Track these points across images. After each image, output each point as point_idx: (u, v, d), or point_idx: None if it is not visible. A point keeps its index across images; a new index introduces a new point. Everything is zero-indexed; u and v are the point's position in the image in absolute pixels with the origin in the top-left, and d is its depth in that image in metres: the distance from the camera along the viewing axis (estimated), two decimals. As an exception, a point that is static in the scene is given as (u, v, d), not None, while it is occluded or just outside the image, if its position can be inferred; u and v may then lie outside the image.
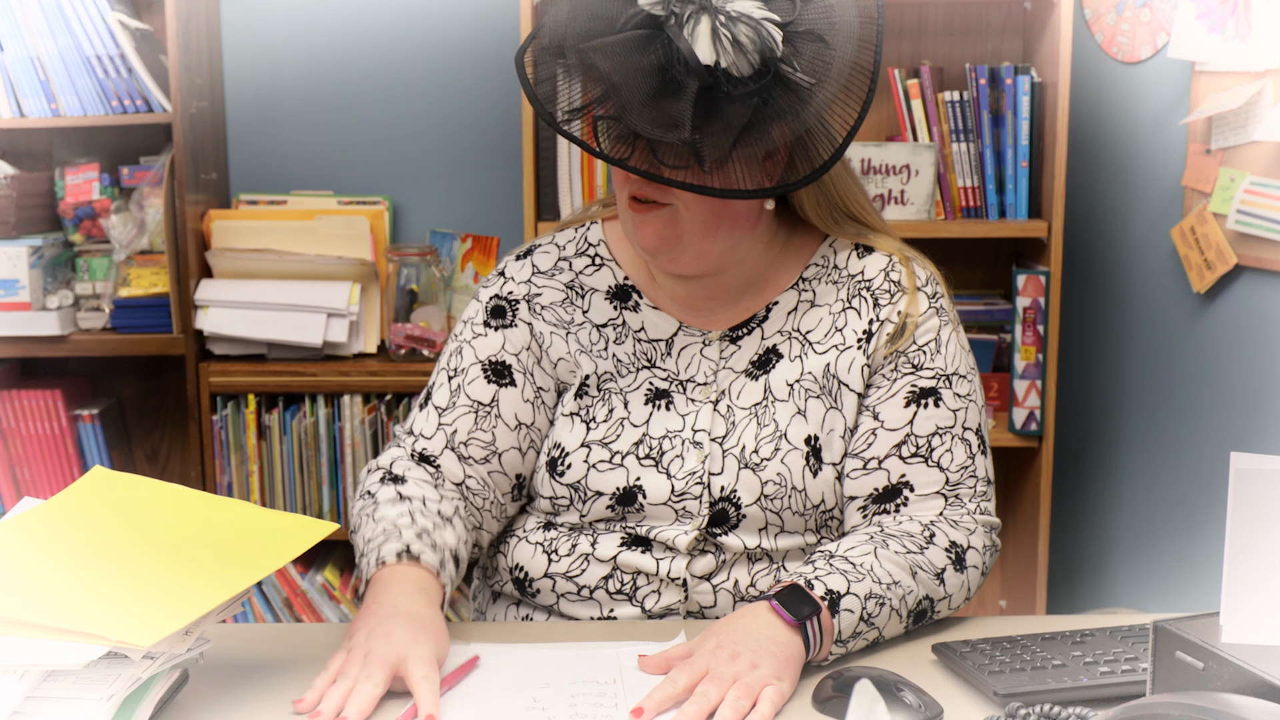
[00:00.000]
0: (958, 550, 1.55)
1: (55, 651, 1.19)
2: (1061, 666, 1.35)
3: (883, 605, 1.46)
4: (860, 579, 1.45)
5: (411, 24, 3.24)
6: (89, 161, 3.08)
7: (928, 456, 1.59)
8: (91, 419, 3.14)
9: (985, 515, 1.61)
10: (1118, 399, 3.00)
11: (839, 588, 1.43)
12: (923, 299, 1.63)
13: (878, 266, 1.65)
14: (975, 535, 1.58)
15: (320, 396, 3.04)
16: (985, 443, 1.64)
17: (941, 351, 1.62)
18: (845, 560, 1.48)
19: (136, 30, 2.99)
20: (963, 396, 1.62)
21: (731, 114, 1.43)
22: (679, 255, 1.58)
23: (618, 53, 1.43)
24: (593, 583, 1.61)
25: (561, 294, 1.69)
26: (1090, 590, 3.10)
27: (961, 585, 1.55)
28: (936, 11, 3.14)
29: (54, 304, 3.00)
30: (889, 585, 1.47)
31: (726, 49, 1.41)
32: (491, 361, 1.67)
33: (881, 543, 1.52)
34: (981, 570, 1.58)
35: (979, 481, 1.61)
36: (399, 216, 3.30)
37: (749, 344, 1.64)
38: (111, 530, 1.39)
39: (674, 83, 1.42)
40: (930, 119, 2.95)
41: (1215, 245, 2.57)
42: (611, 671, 1.41)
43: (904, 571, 1.49)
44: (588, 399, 1.64)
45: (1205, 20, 2.53)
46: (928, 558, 1.52)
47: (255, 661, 1.45)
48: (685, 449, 1.60)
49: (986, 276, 3.23)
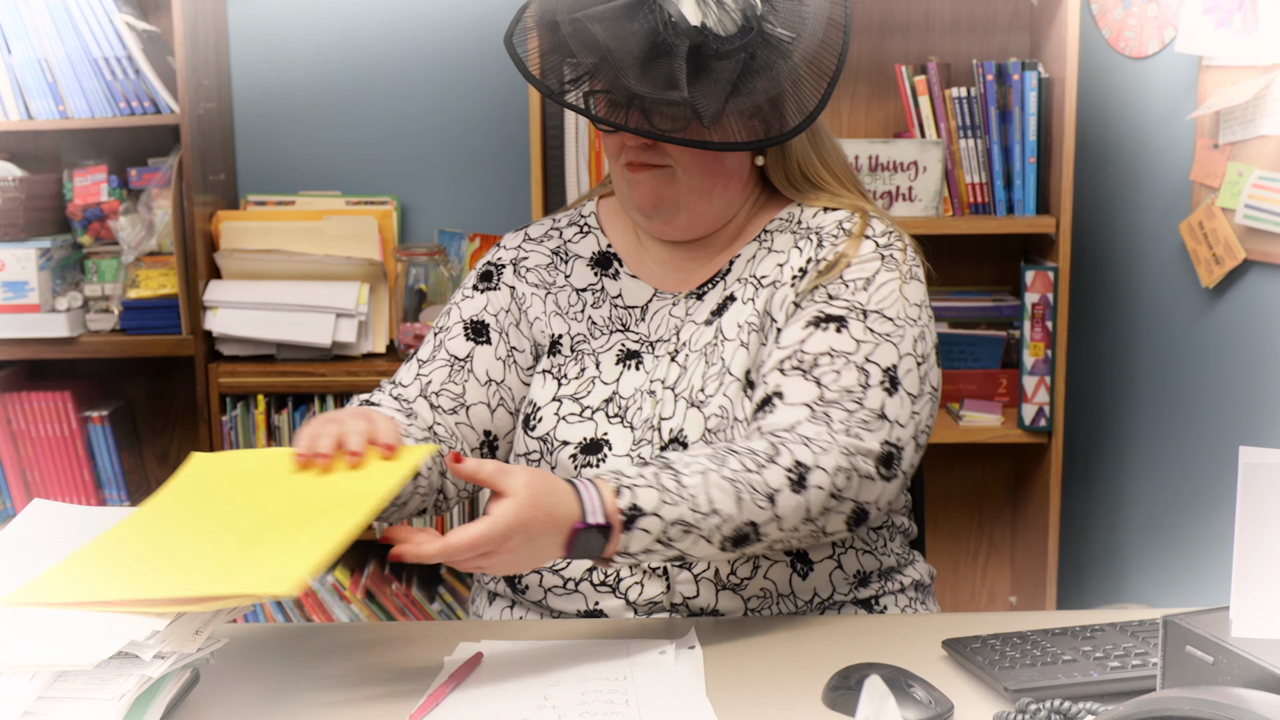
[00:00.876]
0: (800, 470, 1.47)
1: (66, 651, 1.20)
2: (1072, 662, 1.35)
3: (689, 532, 1.42)
4: (675, 503, 1.42)
5: (418, 23, 3.24)
6: (97, 163, 3.09)
7: (807, 370, 1.55)
8: (101, 420, 3.15)
9: (856, 441, 1.51)
10: (1126, 394, 3.00)
11: (646, 506, 1.40)
12: (868, 244, 1.63)
13: (836, 218, 1.67)
14: (827, 456, 1.48)
15: (330, 397, 3.04)
16: (899, 385, 1.55)
17: (868, 290, 1.59)
18: (674, 476, 1.43)
19: (144, 32, 2.99)
20: (876, 333, 1.57)
21: (720, 71, 1.50)
22: (674, 216, 1.65)
23: (609, 19, 1.49)
24: (577, 575, 1.62)
25: (547, 258, 1.77)
26: (1100, 585, 3.10)
27: (798, 506, 1.47)
28: (943, 7, 3.14)
29: (63, 306, 3.01)
30: (706, 515, 1.43)
31: (711, 8, 1.49)
32: (472, 320, 1.74)
33: (720, 461, 1.46)
34: (830, 493, 1.48)
35: (864, 410, 1.52)
36: (407, 216, 3.31)
37: (712, 296, 1.70)
38: (229, 501, 1.43)
39: (665, 45, 1.49)
40: (938, 115, 2.94)
41: (1223, 240, 2.56)
42: (622, 668, 1.41)
43: (729, 499, 1.44)
44: (560, 358, 1.71)
45: (1212, 15, 2.53)
46: (764, 477, 1.46)
47: (266, 661, 1.45)
48: (642, 399, 1.65)
49: (995, 273, 3.23)
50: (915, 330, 1.59)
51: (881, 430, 1.53)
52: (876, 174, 2.93)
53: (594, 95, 1.55)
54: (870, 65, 3.15)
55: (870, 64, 3.15)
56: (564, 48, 1.54)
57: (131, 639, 1.22)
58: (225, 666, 1.42)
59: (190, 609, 1.27)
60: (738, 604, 1.60)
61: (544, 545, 1.37)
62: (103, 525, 1.43)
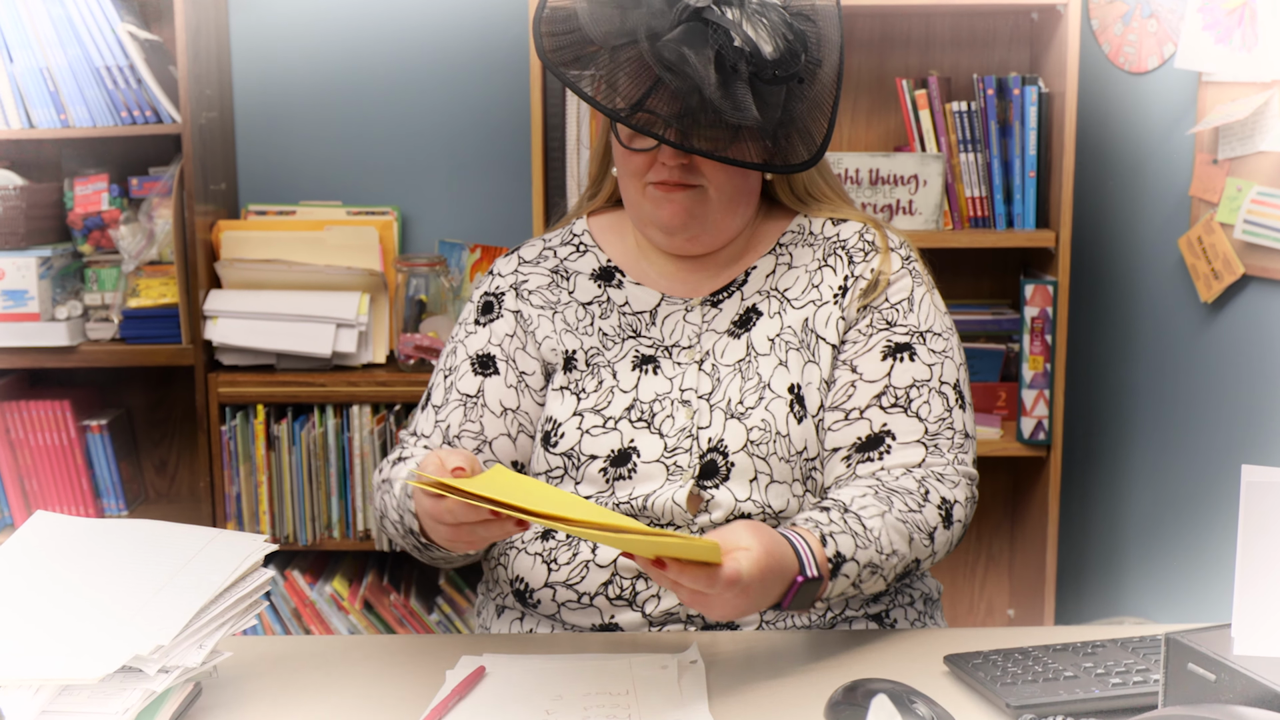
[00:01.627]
0: (947, 507, 1.60)
1: (71, 665, 1.20)
2: (1073, 678, 1.35)
3: (875, 572, 1.53)
4: (866, 546, 1.50)
5: (420, 33, 3.24)
6: (98, 172, 3.09)
7: (906, 407, 1.64)
8: (100, 429, 3.14)
9: (964, 466, 1.65)
10: (1125, 408, 3.00)
11: (847, 551, 1.48)
12: (896, 259, 1.72)
13: (853, 229, 1.74)
14: (959, 489, 1.62)
15: (329, 407, 3.04)
16: (965, 398, 1.68)
17: (915, 310, 1.69)
18: (858, 520, 1.52)
19: (146, 41, 3.00)
20: (937, 352, 1.67)
21: (769, 95, 1.54)
22: (700, 233, 1.68)
23: (683, 44, 1.51)
24: (593, 589, 1.62)
25: (547, 278, 1.77)
26: (1099, 599, 3.10)
27: (947, 542, 1.61)
28: (944, 22, 3.15)
29: (63, 315, 3.01)
30: (888, 555, 1.53)
31: (765, 37, 1.53)
32: (478, 355, 1.75)
33: (887, 502, 1.56)
34: (964, 524, 1.63)
35: (956, 434, 1.65)
36: (408, 227, 3.31)
37: (730, 306, 1.72)
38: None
39: (731, 70, 1.51)
40: (938, 129, 2.95)
41: (1222, 255, 2.57)
42: (624, 683, 1.41)
43: (904, 540, 1.55)
44: (576, 373, 1.71)
45: (1212, 31, 2.54)
46: (924, 516, 1.57)
47: (270, 674, 1.46)
48: (675, 408, 1.66)
49: (994, 286, 3.23)
50: (955, 338, 1.71)
51: (970, 448, 1.67)
52: (877, 187, 2.94)
53: (643, 117, 1.55)
54: (871, 79, 3.16)
55: (871, 78, 3.16)
56: (624, 69, 1.55)
57: (136, 653, 1.22)
58: (228, 680, 1.42)
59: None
60: (753, 616, 1.61)
61: (770, 595, 1.41)
62: (106, 538, 1.43)
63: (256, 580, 1.43)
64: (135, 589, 1.34)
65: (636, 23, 1.53)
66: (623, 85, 1.54)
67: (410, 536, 1.63)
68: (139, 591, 1.33)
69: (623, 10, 1.54)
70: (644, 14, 1.53)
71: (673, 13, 1.52)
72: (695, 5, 1.52)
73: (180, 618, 1.29)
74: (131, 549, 1.43)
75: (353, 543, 3.08)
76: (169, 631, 1.25)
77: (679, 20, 1.52)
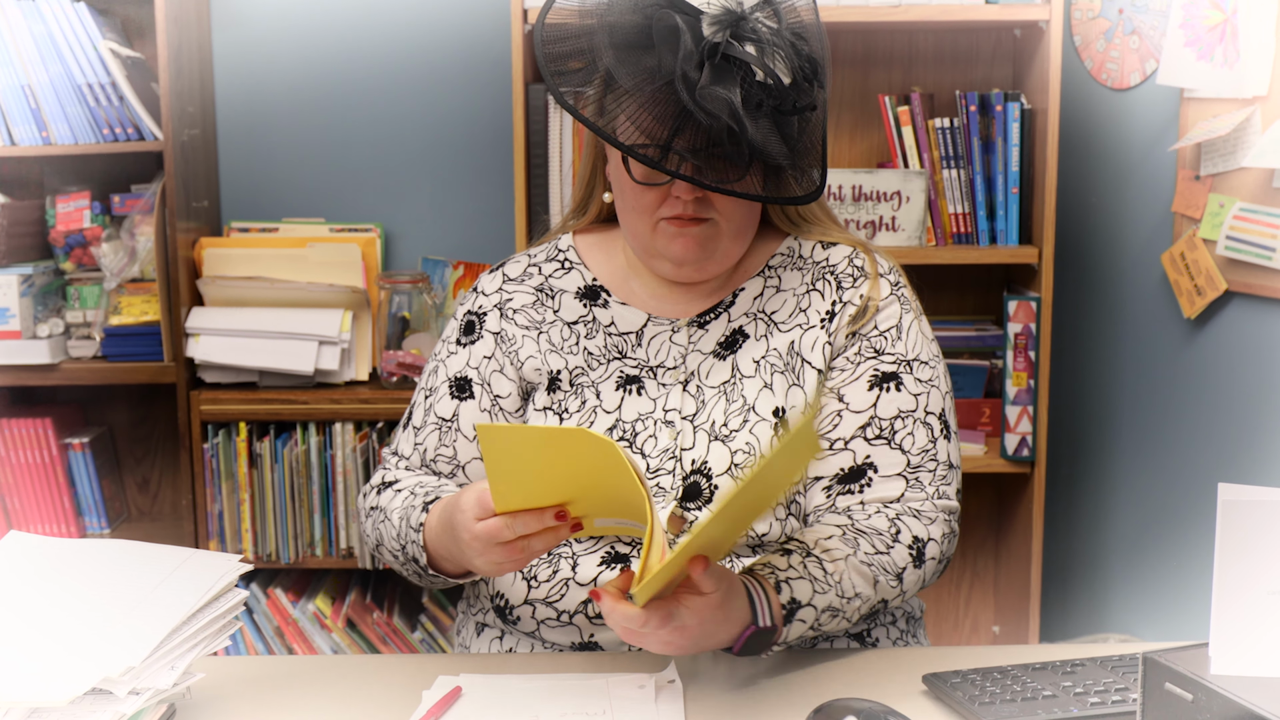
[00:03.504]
0: (919, 546, 1.60)
1: (40, 687, 1.19)
2: (1052, 697, 1.34)
3: (836, 616, 1.53)
4: (825, 590, 1.50)
5: (402, 51, 3.25)
6: (80, 189, 3.08)
7: (890, 439, 1.64)
8: (82, 447, 3.13)
9: (945, 500, 1.65)
10: (1109, 424, 3.00)
11: (802, 597, 1.48)
12: (885, 284, 1.71)
13: (842, 254, 1.73)
14: (935, 525, 1.62)
15: (312, 424, 3.03)
16: (949, 428, 1.69)
17: (903, 338, 1.69)
18: (819, 564, 1.51)
19: (128, 58, 2.99)
20: (924, 381, 1.67)
21: (786, 125, 1.53)
22: (707, 263, 1.66)
23: (712, 84, 1.49)
24: (572, 607, 1.61)
25: (532, 296, 1.76)
26: (1083, 615, 3.10)
27: (918, 580, 1.62)
28: (927, 39, 3.15)
29: (44, 332, 3.00)
30: (849, 599, 1.53)
31: (783, 68, 1.52)
32: (456, 378, 1.75)
33: (853, 545, 1.56)
34: (939, 560, 1.63)
35: (939, 465, 1.65)
36: (390, 244, 3.30)
37: (716, 327, 1.71)
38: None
39: (756, 105, 1.50)
40: (921, 145, 2.95)
41: (1205, 271, 2.57)
42: (601, 702, 1.40)
43: (868, 584, 1.55)
44: (560, 393, 1.70)
45: (1193, 47, 2.54)
46: (892, 558, 1.58)
47: (243, 695, 1.45)
48: (657, 428, 1.66)
49: (978, 302, 3.24)
50: (941, 365, 1.71)
51: (954, 479, 1.67)
52: (860, 204, 2.94)
53: (665, 150, 1.52)
54: (854, 96, 3.16)
55: (854, 94, 3.16)
56: (646, 107, 1.52)
57: (106, 675, 1.21)
58: (202, 701, 1.41)
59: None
60: None
61: (714, 637, 1.41)
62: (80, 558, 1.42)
63: (231, 600, 1.42)
64: (107, 610, 1.33)
65: (670, 65, 1.49)
66: (648, 124, 1.51)
67: (412, 564, 1.64)
68: (111, 612, 1.32)
69: (646, 51, 1.51)
70: (676, 55, 1.49)
71: (699, 52, 1.49)
72: (716, 41, 1.49)
73: (152, 639, 1.28)
74: (105, 569, 1.42)
75: (335, 561, 3.07)
76: (140, 653, 1.24)
77: (703, 59, 1.49)
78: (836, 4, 2.81)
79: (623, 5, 1.53)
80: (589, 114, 1.59)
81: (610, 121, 1.56)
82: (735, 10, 1.52)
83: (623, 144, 1.52)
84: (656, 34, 1.51)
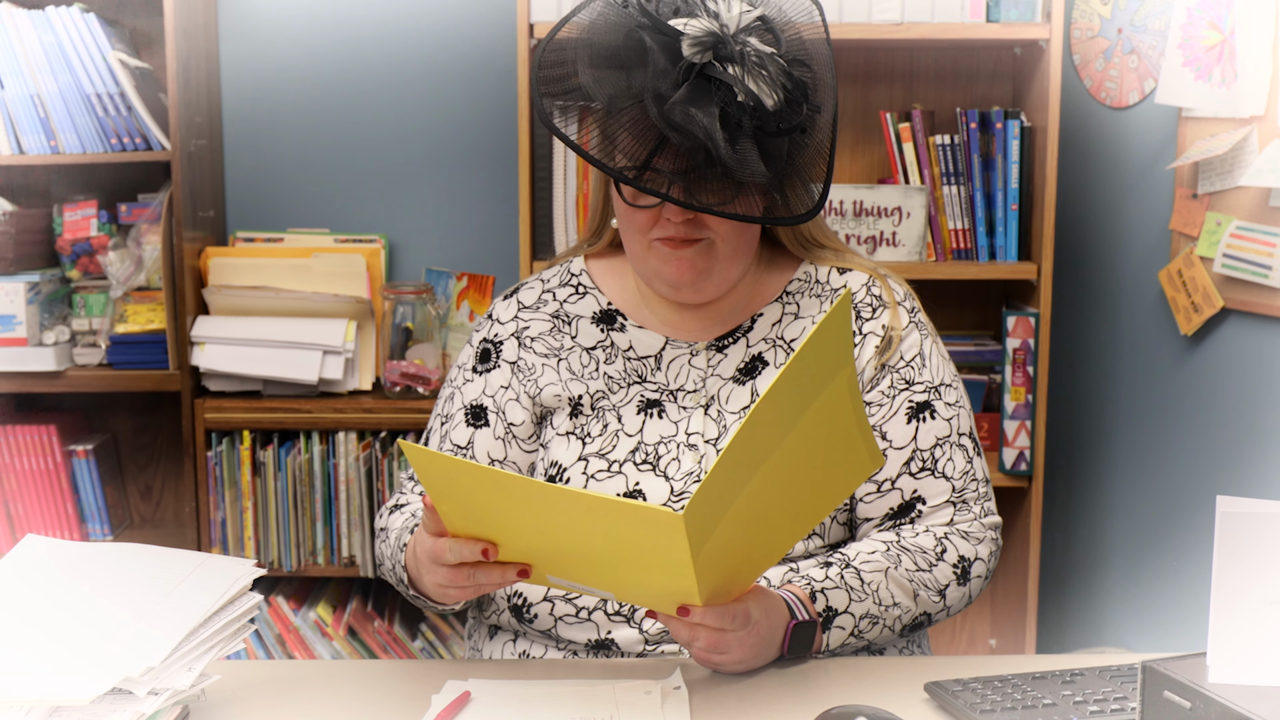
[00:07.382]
0: (964, 564, 1.65)
1: (62, 686, 1.21)
2: (1052, 706, 1.36)
3: (876, 624, 1.58)
4: (862, 599, 1.56)
5: (408, 63, 3.27)
6: (87, 198, 3.10)
7: (934, 469, 1.68)
8: (86, 454, 3.15)
9: (990, 517, 1.71)
10: (1106, 440, 3.03)
11: (839, 605, 1.54)
12: (903, 313, 1.74)
13: (859, 281, 1.75)
14: (983, 545, 1.68)
15: (315, 433, 3.05)
16: (977, 443, 1.73)
17: (927, 365, 1.72)
18: (856, 575, 1.57)
19: (136, 69, 3.02)
20: (952, 405, 1.72)
21: (772, 147, 1.53)
22: (705, 284, 1.67)
23: (689, 104, 1.49)
24: (590, 604, 1.63)
25: (548, 324, 1.77)
26: (1080, 629, 3.12)
27: (963, 596, 1.66)
28: (928, 57, 3.18)
29: (50, 340, 3.02)
30: (888, 607, 1.58)
31: (766, 90, 1.51)
32: (472, 405, 1.76)
33: (895, 560, 1.61)
34: (985, 576, 1.68)
35: (979, 484, 1.71)
36: (395, 254, 3.33)
37: (735, 352, 1.72)
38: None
39: (737, 125, 1.50)
40: (921, 162, 2.98)
41: (1202, 288, 2.60)
42: (608, 708, 1.42)
43: (907, 595, 1.61)
44: (582, 418, 1.71)
45: (1192, 67, 2.57)
46: (934, 575, 1.63)
47: (257, 698, 1.46)
48: (681, 452, 1.67)
49: (977, 318, 3.26)
50: (960, 385, 1.75)
51: (991, 493, 1.73)
52: (861, 219, 2.97)
53: (648, 171, 1.53)
54: (856, 112, 3.19)
55: (856, 111, 3.19)
56: (624, 128, 1.53)
57: (126, 674, 1.23)
58: (216, 703, 1.43)
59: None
60: None
61: (771, 645, 1.50)
62: (96, 561, 1.44)
63: (245, 604, 1.44)
64: (125, 611, 1.35)
65: (641, 84, 1.50)
66: (627, 144, 1.52)
67: (402, 585, 1.67)
68: (129, 614, 1.34)
69: (626, 71, 1.52)
70: (648, 75, 1.50)
71: (676, 72, 1.50)
72: (697, 62, 1.50)
73: (170, 640, 1.30)
74: (121, 572, 1.44)
75: (337, 569, 3.09)
76: (159, 654, 1.26)
77: (682, 79, 1.49)
78: (839, 22, 2.84)
79: (603, 26, 1.54)
80: (571, 132, 1.58)
81: (592, 140, 1.56)
82: (718, 32, 1.52)
83: (600, 162, 1.53)
84: (630, 53, 1.52)
